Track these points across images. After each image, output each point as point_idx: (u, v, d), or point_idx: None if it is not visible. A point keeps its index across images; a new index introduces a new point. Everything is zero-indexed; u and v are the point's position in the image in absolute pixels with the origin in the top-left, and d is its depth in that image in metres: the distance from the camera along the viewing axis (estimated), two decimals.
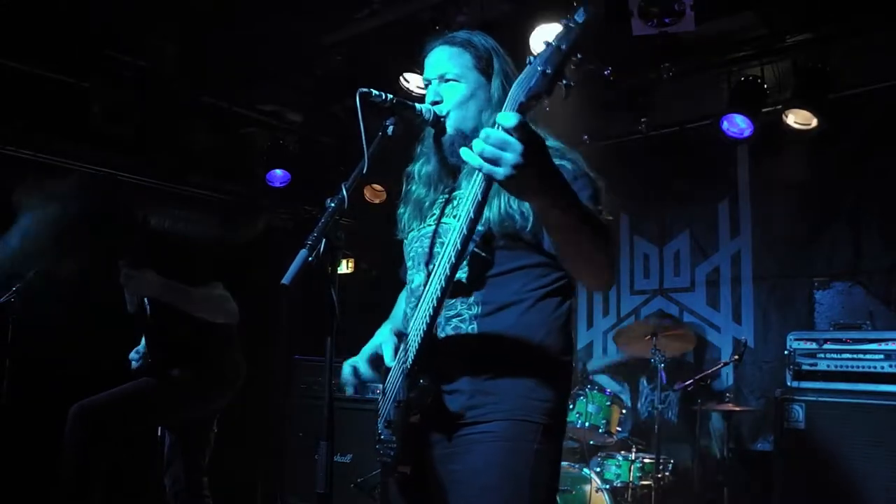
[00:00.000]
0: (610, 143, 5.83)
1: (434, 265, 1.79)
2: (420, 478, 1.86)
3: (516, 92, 1.47)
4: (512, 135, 1.38)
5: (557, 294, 1.89)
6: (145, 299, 3.44)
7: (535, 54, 1.46)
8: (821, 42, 4.47)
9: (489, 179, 1.51)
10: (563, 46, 1.41)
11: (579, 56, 1.42)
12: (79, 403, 3.25)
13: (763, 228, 5.57)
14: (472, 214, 1.61)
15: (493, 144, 1.39)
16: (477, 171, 1.67)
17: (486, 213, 1.73)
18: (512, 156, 1.38)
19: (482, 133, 1.40)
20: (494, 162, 1.39)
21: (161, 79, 4.99)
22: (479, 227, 1.74)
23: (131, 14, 4.30)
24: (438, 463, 1.84)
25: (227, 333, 3.53)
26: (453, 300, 1.85)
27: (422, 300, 1.77)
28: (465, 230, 1.64)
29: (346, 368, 2.05)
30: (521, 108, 1.44)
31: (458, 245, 1.66)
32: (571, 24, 1.42)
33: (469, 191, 1.71)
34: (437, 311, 1.72)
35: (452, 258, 1.67)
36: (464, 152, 1.45)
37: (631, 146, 5.77)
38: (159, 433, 3.65)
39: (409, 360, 1.80)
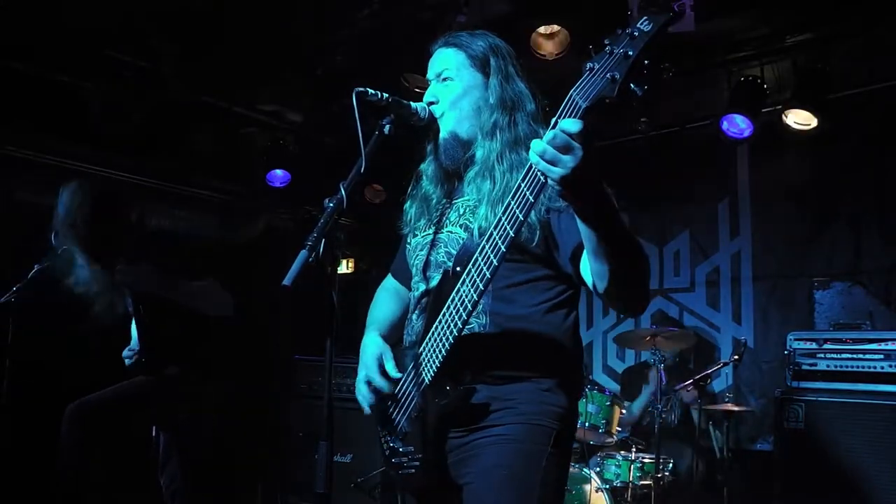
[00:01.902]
0: (610, 143, 5.83)
1: (448, 267, 1.81)
2: (438, 485, 1.87)
3: (576, 98, 1.47)
4: (574, 139, 1.41)
5: (563, 306, 1.90)
6: (139, 297, 3.44)
7: (594, 60, 1.47)
8: (821, 42, 4.47)
9: (543, 182, 1.52)
10: (631, 53, 1.42)
11: (647, 63, 1.44)
12: (75, 403, 3.25)
13: (763, 228, 5.58)
14: (520, 217, 1.58)
15: (557, 146, 1.42)
16: (487, 178, 1.66)
17: (490, 224, 1.71)
18: (571, 158, 1.42)
19: (548, 135, 1.42)
20: (553, 162, 1.43)
21: (161, 79, 4.98)
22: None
23: (131, 14, 4.30)
24: (453, 468, 1.86)
25: (221, 331, 3.53)
26: None
27: (444, 311, 1.76)
28: (511, 233, 1.60)
29: (362, 386, 2.01)
30: (584, 114, 1.45)
31: (502, 247, 1.62)
32: (636, 33, 1.43)
33: (483, 193, 1.78)
34: (465, 322, 1.71)
35: (494, 261, 1.64)
36: (531, 151, 1.46)
37: (631, 146, 5.77)
38: (154, 433, 3.64)
39: (432, 370, 1.80)
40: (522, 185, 1.57)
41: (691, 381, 4.58)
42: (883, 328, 4.60)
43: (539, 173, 1.51)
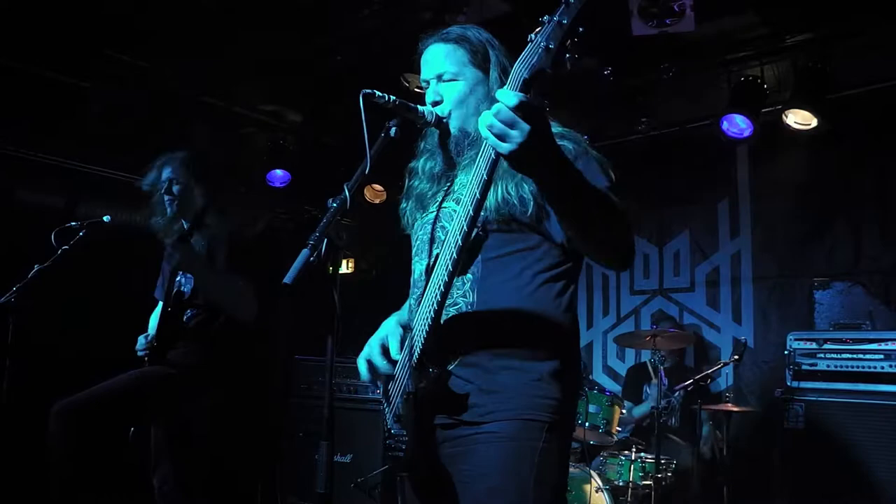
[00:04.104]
0: (610, 143, 5.83)
1: (438, 250, 1.79)
2: (431, 473, 1.86)
3: (519, 69, 1.49)
4: (517, 112, 1.40)
5: (560, 279, 1.87)
6: (174, 286, 3.45)
7: (537, 31, 1.48)
8: (821, 42, 4.47)
9: (495, 159, 1.53)
10: (565, 21, 1.43)
11: (581, 30, 1.44)
12: (63, 401, 3.20)
13: (763, 228, 5.58)
14: (477, 195, 1.61)
15: (502, 121, 1.40)
16: (478, 157, 1.67)
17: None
18: (518, 133, 1.40)
19: (493, 108, 1.41)
20: (501, 137, 1.42)
21: (161, 79, 4.99)
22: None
23: (131, 14, 4.30)
24: (447, 461, 1.85)
25: (240, 331, 3.51)
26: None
27: (427, 288, 1.76)
28: (470, 211, 1.63)
29: (362, 364, 1.99)
30: (525, 86, 1.46)
31: (465, 226, 1.64)
32: (571, 1, 1.43)
33: (470, 174, 1.71)
34: (444, 297, 1.70)
35: (459, 240, 1.66)
36: (479, 123, 1.46)
37: (631, 146, 5.77)
38: (150, 432, 3.62)
39: (417, 350, 1.79)
40: (481, 163, 1.60)
41: (691, 381, 4.59)
42: (883, 328, 4.60)
43: (490, 149, 1.53)
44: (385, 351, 1.95)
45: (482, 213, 1.72)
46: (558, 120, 1.85)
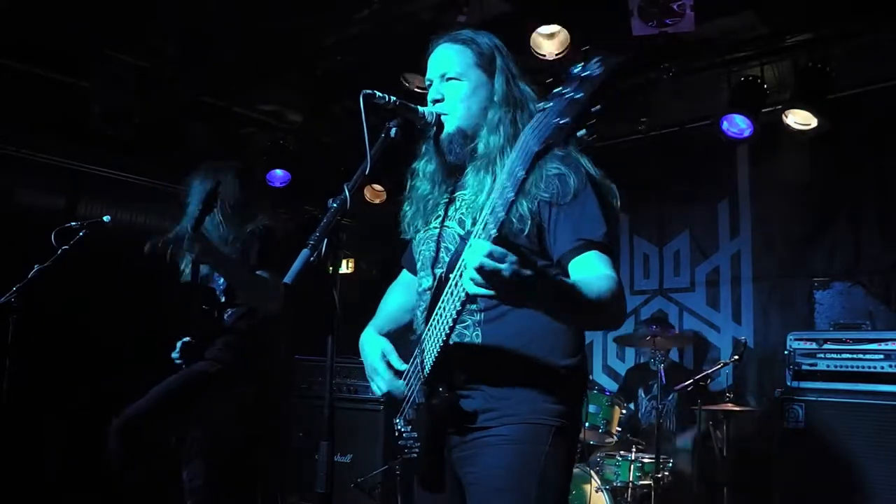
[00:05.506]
0: (610, 143, 5.82)
1: (442, 271, 1.81)
2: (440, 476, 1.88)
3: (530, 140, 1.45)
4: (495, 258, 1.42)
5: None
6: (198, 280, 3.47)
7: (549, 98, 1.44)
8: (821, 42, 4.46)
9: (524, 177, 1.48)
10: (578, 97, 1.39)
11: (598, 107, 1.39)
12: (120, 418, 3.24)
13: (763, 228, 5.58)
14: (501, 216, 1.52)
15: (487, 271, 1.42)
16: (488, 172, 1.66)
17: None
18: (498, 279, 1.43)
19: (478, 261, 1.41)
20: (486, 279, 1.44)
21: (161, 79, 4.98)
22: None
23: (131, 14, 4.30)
24: (456, 465, 1.88)
25: (273, 327, 3.54)
26: None
27: (438, 308, 1.76)
28: (493, 232, 1.56)
29: (373, 381, 2.03)
30: (537, 156, 1.44)
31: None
32: (585, 75, 1.39)
33: (484, 193, 1.76)
34: (455, 322, 1.70)
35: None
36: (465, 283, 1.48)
37: (631, 146, 5.77)
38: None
39: (427, 367, 1.81)
40: (508, 185, 1.50)
41: (691, 381, 4.58)
42: (883, 328, 4.60)
43: (517, 167, 1.48)
44: (389, 367, 1.98)
45: None
46: None
